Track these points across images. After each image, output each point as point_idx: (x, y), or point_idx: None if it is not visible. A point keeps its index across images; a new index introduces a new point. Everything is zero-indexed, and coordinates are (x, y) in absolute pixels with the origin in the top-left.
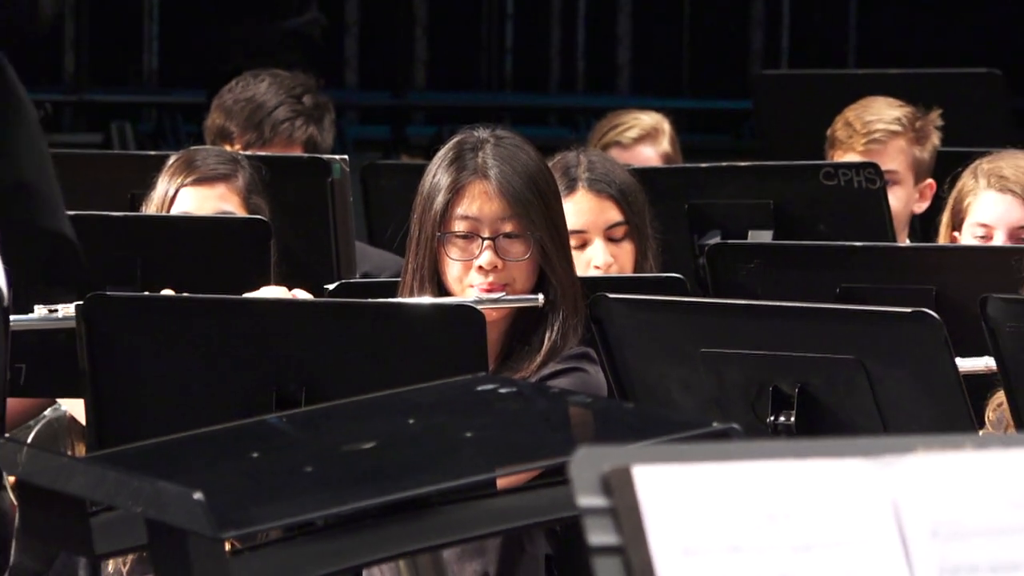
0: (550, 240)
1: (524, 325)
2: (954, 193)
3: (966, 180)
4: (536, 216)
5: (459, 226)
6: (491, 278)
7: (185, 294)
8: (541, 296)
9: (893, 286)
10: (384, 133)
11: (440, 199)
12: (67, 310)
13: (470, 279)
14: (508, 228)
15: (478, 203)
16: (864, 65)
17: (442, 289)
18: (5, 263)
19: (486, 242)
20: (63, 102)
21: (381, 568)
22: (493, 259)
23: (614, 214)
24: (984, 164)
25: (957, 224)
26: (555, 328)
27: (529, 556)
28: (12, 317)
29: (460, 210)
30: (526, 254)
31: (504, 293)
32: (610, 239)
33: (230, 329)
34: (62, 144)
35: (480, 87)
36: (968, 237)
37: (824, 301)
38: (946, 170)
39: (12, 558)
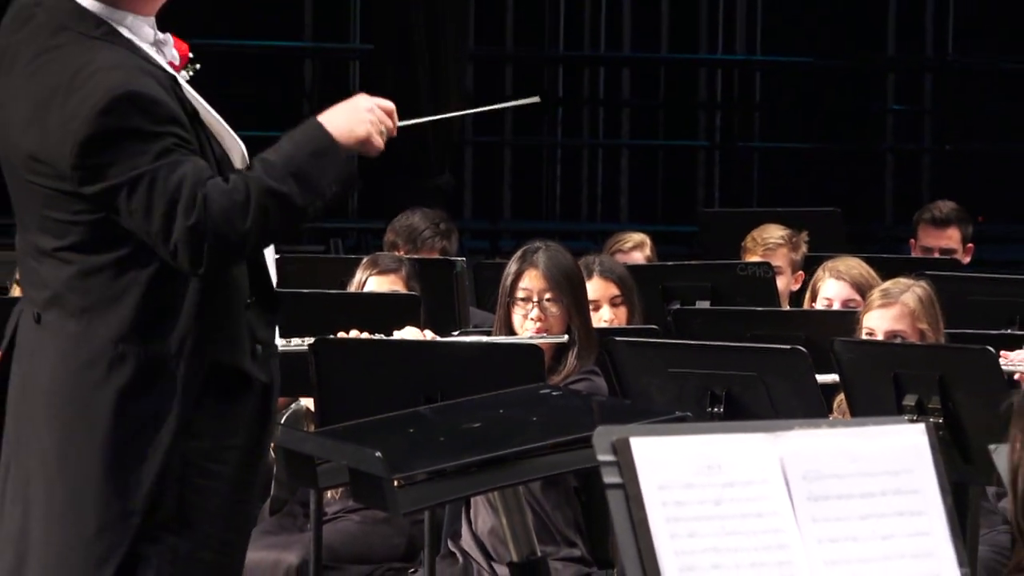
0: (574, 305)
1: (558, 353)
2: (812, 281)
3: (819, 273)
4: (565, 291)
5: (520, 294)
6: (538, 325)
7: (376, 336)
8: (566, 336)
9: (779, 333)
10: (486, 245)
11: (511, 279)
12: (299, 343)
13: (526, 325)
14: (548, 296)
15: (530, 281)
16: (762, 204)
17: (513, 332)
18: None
19: (534, 304)
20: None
21: (483, 498)
22: (539, 314)
23: (614, 290)
24: (829, 263)
25: (814, 298)
26: (575, 355)
27: (565, 488)
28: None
29: (521, 285)
30: (558, 312)
31: (545, 334)
32: (612, 305)
33: (399, 357)
34: (301, 250)
35: (541, 218)
36: (820, 305)
37: (740, 342)
38: (808, 267)
39: (272, 491)
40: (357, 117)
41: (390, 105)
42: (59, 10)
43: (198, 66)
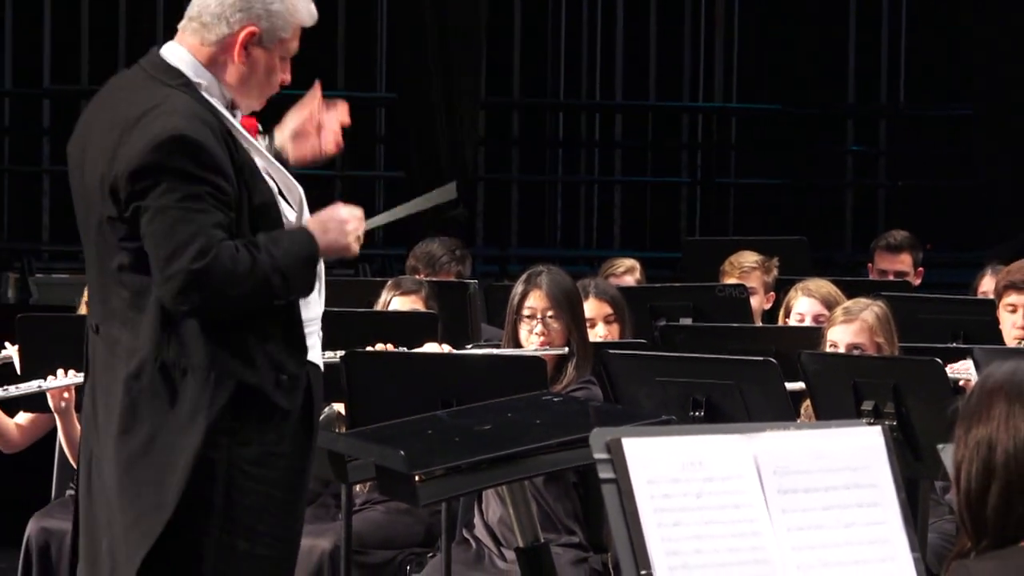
0: (573, 321)
1: (559, 364)
2: (786, 299)
3: (793, 292)
4: (565, 309)
5: (526, 312)
6: (541, 339)
7: (399, 349)
8: (567, 349)
9: (752, 346)
10: (496, 269)
11: (518, 299)
12: (332, 355)
13: (531, 340)
14: (550, 314)
15: (534, 301)
16: (738, 233)
17: (519, 345)
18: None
19: (538, 320)
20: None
21: (493, 491)
22: (542, 330)
23: (608, 309)
24: (801, 283)
25: (787, 314)
26: (574, 366)
27: (565, 482)
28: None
29: (527, 304)
30: (559, 328)
31: (547, 347)
32: (606, 322)
33: (419, 367)
34: (333, 274)
35: (544, 245)
36: (794, 320)
37: (718, 354)
38: (778, 288)
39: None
40: (342, 230)
41: (360, 212)
42: (149, 63)
43: (267, 139)
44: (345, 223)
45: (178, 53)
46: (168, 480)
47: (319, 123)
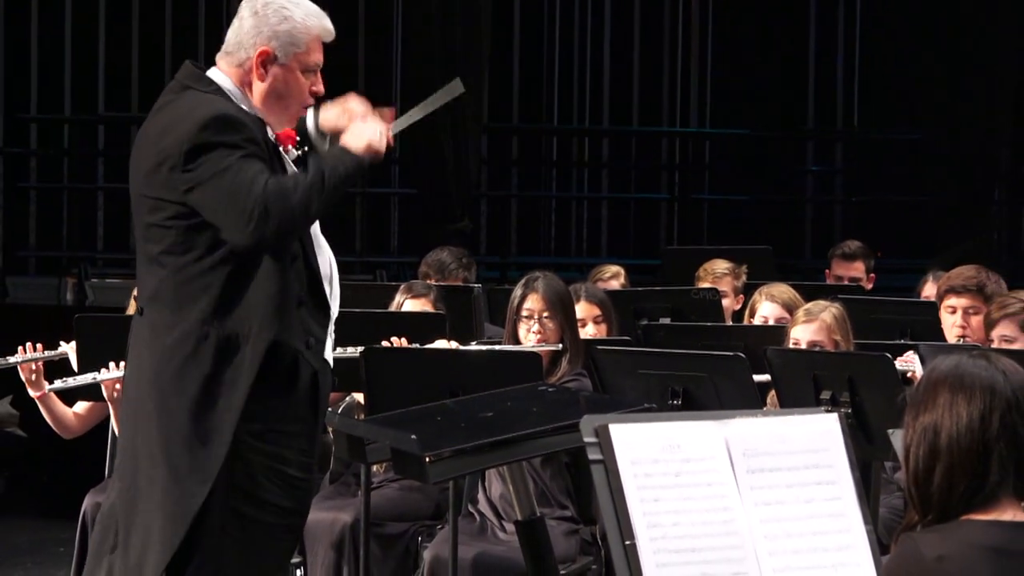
0: (566, 321)
1: (554, 359)
2: (751, 302)
3: (756, 296)
4: (559, 310)
5: (524, 313)
6: (537, 336)
7: (411, 345)
8: (561, 345)
9: (724, 343)
10: (497, 275)
11: (517, 301)
12: (353, 351)
13: (529, 337)
14: (545, 314)
15: (532, 303)
16: (711, 243)
17: (518, 342)
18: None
19: (535, 320)
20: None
21: (495, 470)
22: (539, 328)
23: (597, 311)
24: (764, 288)
25: (752, 315)
26: (567, 360)
27: (558, 462)
28: (329, 354)
29: (525, 306)
30: (553, 327)
31: (543, 344)
32: (595, 322)
33: (430, 361)
34: (353, 279)
35: (540, 253)
36: (758, 321)
37: (694, 350)
38: (747, 292)
39: (331, 465)
40: (370, 132)
41: (388, 115)
42: (186, 75)
43: (297, 151)
44: (373, 125)
45: (215, 75)
46: (216, 435)
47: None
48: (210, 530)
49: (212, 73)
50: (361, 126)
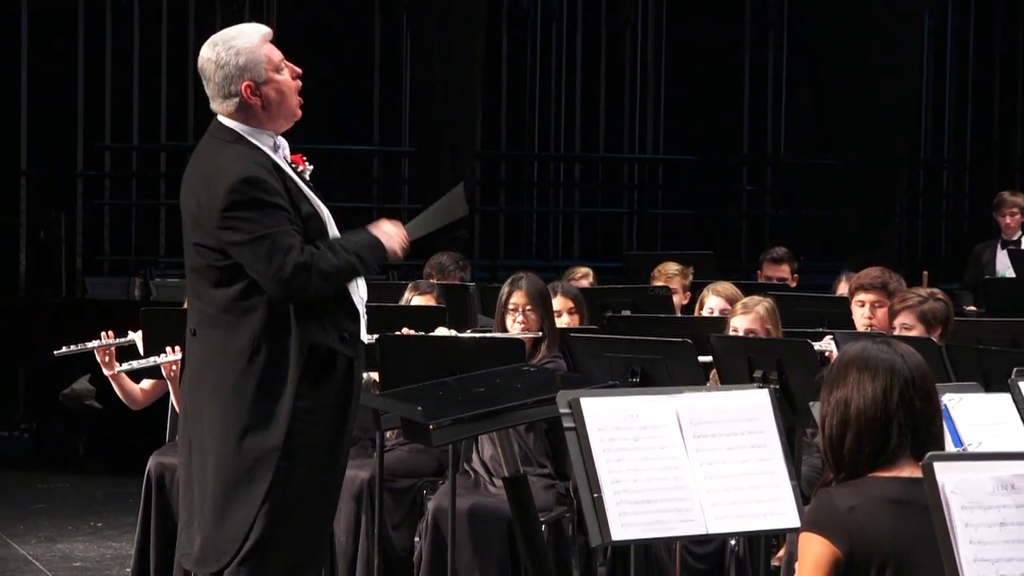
0: (545, 313)
1: (535, 344)
2: (700, 297)
3: (705, 292)
4: (539, 304)
5: (510, 306)
6: (521, 326)
7: (418, 333)
8: (541, 333)
9: (674, 331)
10: (488, 275)
11: (504, 297)
12: (369, 338)
13: (514, 327)
14: (528, 307)
15: (517, 298)
16: (664, 249)
17: (505, 330)
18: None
19: (519, 312)
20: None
21: (486, 435)
22: (522, 319)
23: (571, 304)
24: (711, 286)
25: (701, 308)
26: (545, 346)
27: (538, 429)
28: (364, 337)
29: (511, 300)
30: (535, 318)
31: (526, 332)
32: (569, 314)
33: (433, 346)
34: (370, 280)
35: (523, 257)
36: (706, 312)
37: (650, 337)
38: (694, 290)
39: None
40: (393, 239)
41: (404, 230)
42: (213, 127)
43: (311, 167)
44: (395, 234)
45: (226, 121)
46: (274, 429)
47: None
48: (275, 485)
49: (225, 120)
50: (391, 229)
